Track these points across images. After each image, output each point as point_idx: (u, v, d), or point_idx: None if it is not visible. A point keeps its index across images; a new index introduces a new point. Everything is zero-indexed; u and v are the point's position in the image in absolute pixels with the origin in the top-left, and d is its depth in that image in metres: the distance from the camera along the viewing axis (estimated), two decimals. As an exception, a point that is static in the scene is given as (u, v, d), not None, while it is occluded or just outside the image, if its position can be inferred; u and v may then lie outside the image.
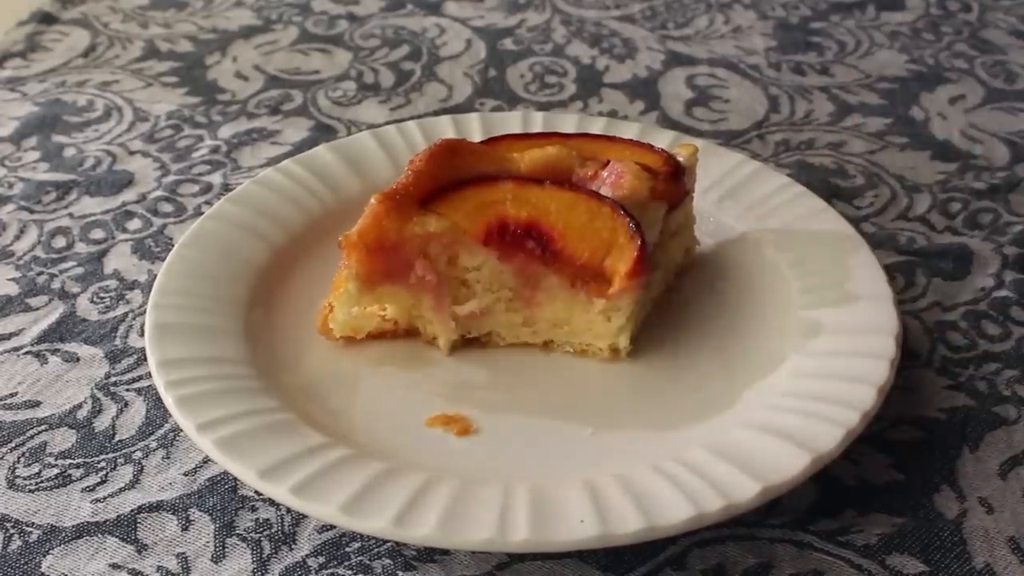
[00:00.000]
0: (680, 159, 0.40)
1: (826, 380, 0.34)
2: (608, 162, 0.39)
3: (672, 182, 0.39)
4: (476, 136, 0.45)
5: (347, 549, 0.33)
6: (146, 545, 0.33)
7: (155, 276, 0.44)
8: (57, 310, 0.43)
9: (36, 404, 0.38)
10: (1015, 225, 0.48)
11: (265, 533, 0.34)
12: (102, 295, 0.44)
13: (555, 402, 0.37)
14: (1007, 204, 0.50)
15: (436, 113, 0.56)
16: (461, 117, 0.48)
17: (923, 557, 0.33)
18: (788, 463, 0.31)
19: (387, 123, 0.54)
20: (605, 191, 0.38)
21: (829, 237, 0.41)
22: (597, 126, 0.47)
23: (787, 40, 0.63)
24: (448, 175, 0.38)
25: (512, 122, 0.48)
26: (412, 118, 0.54)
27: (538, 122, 0.48)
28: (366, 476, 0.32)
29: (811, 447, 0.31)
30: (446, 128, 0.47)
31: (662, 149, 0.40)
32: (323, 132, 0.54)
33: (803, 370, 0.35)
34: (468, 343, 0.39)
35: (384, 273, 0.37)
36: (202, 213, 0.48)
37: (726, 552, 0.33)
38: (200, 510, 0.34)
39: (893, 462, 0.36)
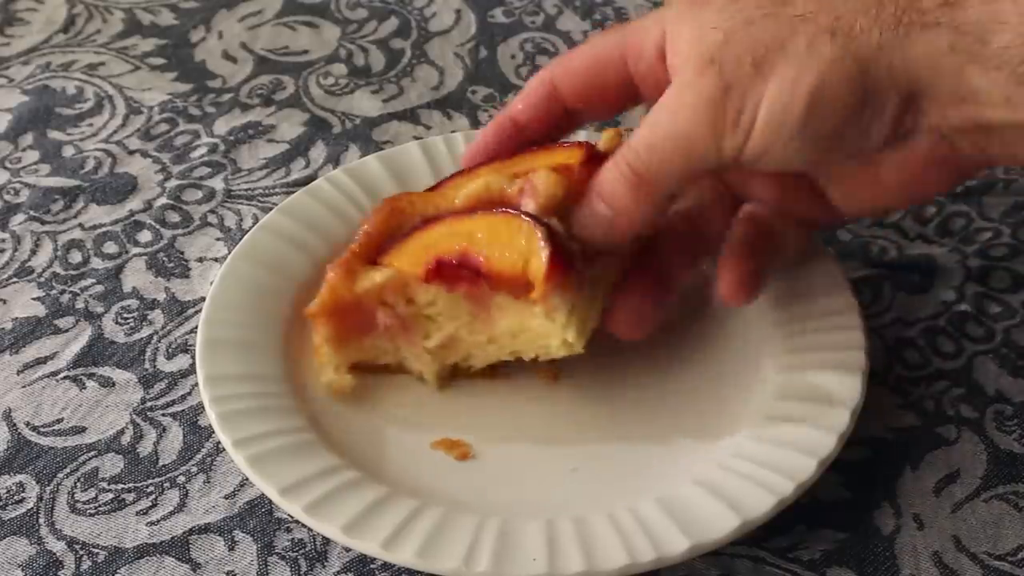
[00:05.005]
0: (598, 145, 0.47)
1: (774, 447, 0.44)
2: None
3: (592, 169, 0.45)
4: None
5: (372, 566, 0.45)
6: (200, 564, 0.44)
7: (173, 295, 0.54)
8: (85, 332, 0.52)
9: (82, 430, 0.49)
10: (984, 232, 0.58)
11: (300, 552, 0.45)
12: (125, 316, 0.53)
13: (547, 435, 0.47)
14: (980, 207, 0.59)
15: (429, 105, 0.64)
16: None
17: (858, 570, 0.45)
18: (720, 524, 0.41)
19: (381, 116, 0.63)
20: (528, 203, 0.45)
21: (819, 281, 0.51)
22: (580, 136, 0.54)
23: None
24: (397, 228, 0.48)
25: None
26: (406, 110, 0.64)
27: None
28: (367, 499, 0.42)
29: (743, 511, 0.41)
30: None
31: (577, 141, 0.48)
32: (318, 127, 0.63)
33: (758, 433, 0.45)
34: (463, 374, 0.49)
35: (353, 329, 0.47)
36: (208, 224, 0.57)
37: (693, 565, 0.44)
38: (243, 531, 0.45)
39: (843, 480, 0.47)
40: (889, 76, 0.40)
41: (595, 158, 0.46)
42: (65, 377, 0.51)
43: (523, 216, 0.45)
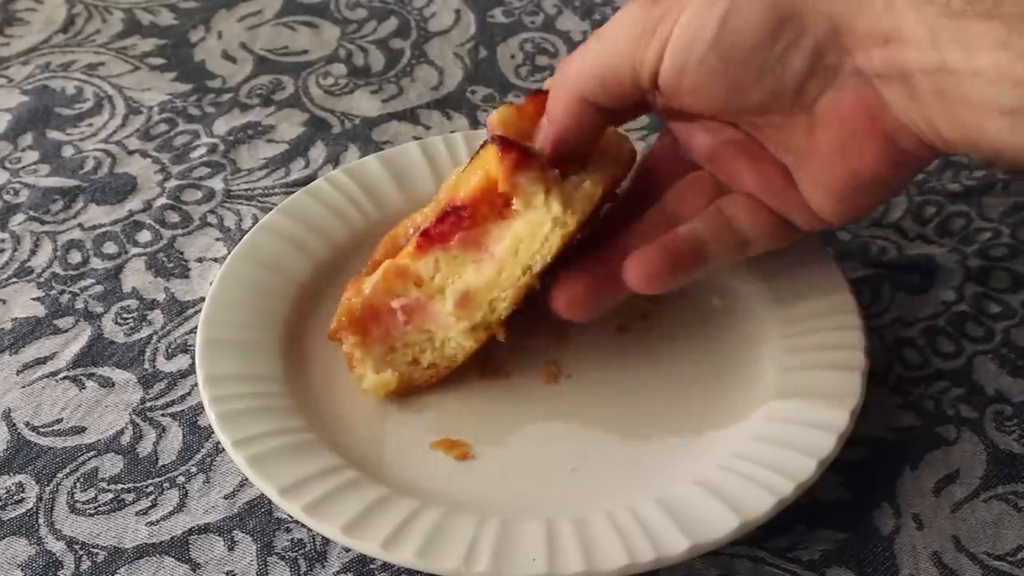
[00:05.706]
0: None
1: (774, 447, 0.44)
2: None
3: (542, 102, 0.47)
4: None
5: (371, 566, 0.45)
6: (199, 564, 0.44)
7: (173, 295, 0.54)
8: (85, 332, 0.53)
9: (82, 430, 0.49)
10: (984, 232, 0.58)
11: (300, 552, 0.45)
12: (125, 316, 0.53)
13: (547, 435, 0.48)
14: (980, 208, 0.60)
15: (429, 105, 0.65)
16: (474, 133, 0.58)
17: (857, 570, 0.45)
18: (720, 524, 0.41)
19: (380, 116, 0.64)
20: None
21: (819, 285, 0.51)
22: None
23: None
24: (397, 247, 0.49)
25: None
26: (406, 110, 0.64)
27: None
28: (367, 499, 0.43)
29: (742, 511, 0.42)
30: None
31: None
32: (317, 127, 0.63)
33: (758, 433, 0.46)
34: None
35: (376, 329, 0.47)
36: (208, 224, 0.58)
37: (693, 565, 0.45)
38: (242, 532, 0.45)
39: (843, 480, 0.48)
40: (807, 4, 0.40)
41: (545, 95, 0.47)
42: (65, 377, 0.51)
43: (484, 143, 0.45)
